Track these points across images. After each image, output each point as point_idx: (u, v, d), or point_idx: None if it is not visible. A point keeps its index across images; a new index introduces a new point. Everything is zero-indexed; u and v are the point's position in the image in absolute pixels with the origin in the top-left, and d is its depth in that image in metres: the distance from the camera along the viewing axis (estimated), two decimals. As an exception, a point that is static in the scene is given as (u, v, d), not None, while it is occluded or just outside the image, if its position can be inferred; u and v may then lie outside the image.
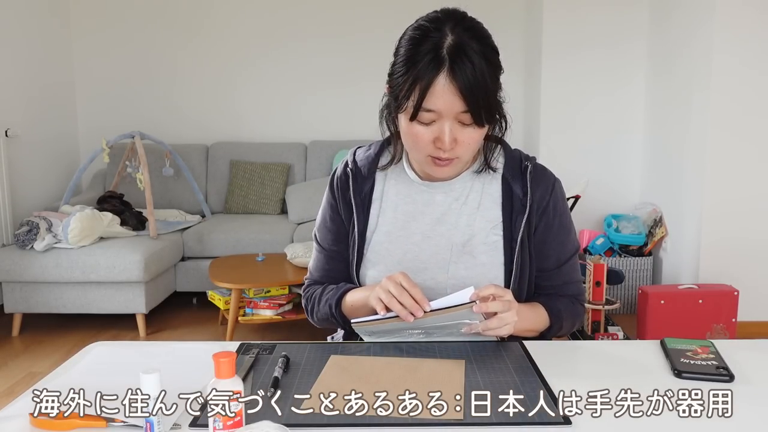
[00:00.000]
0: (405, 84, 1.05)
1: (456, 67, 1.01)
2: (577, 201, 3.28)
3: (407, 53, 1.06)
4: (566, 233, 1.24)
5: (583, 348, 1.21)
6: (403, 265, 1.19)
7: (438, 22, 1.05)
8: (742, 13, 2.99)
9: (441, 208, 1.21)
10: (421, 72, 1.03)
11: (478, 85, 1.02)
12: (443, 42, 1.03)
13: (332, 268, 1.29)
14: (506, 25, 4.27)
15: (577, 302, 1.28)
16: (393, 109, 1.13)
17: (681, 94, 3.37)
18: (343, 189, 1.25)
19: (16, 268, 3.18)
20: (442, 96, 1.03)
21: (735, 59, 3.02)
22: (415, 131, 1.08)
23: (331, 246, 1.29)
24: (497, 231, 1.20)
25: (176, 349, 1.12)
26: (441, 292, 1.17)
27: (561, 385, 0.93)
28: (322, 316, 1.26)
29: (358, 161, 1.26)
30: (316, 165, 4.25)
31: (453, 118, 1.05)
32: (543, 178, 1.22)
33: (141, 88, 4.43)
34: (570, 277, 1.26)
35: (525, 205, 1.19)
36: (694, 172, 3.22)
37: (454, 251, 1.19)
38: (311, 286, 1.32)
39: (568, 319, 1.23)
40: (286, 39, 4.40)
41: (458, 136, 1.07)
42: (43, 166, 4.06)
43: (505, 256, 1.19)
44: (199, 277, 3.64)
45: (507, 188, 1.21)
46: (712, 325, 2.93)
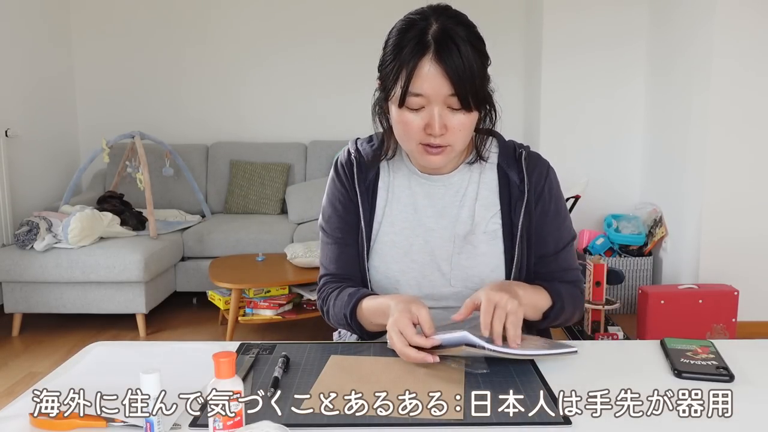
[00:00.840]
0: (392, 71, 1.07)
1: (441, 50, 1.03)
2: (577, 201, 3.28)
3: (394, 42, 1.08)
4: (562, 219, 1.25)
5: (583, 348, 1.21)
6: (409, 258, 1.20)
7: (424, 13, 1.09)
8: (742, 13, 2.99)
9: (442, 201, 1.22)
10: (406, 56, 1.05)
11: (464, 68, 1.03)
12: (429, 28, 1.05)
13: (346, 257, 1.25)
14: (506, 27, 4.27)
15: (577, 288, 1.26)
16: (383, 100, 1.14)
17: (681, 94, 3.37)
18: (349, 175, 1.25)
19: (16, 268, 3.18)
20: (429, 79, 1.04)
21: (735, 60, 3.02)
22: (405, 119, 1.09)
23: (342, 234, 1.26)
24: (496, 220, 1.20)
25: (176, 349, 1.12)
26: (445, 283, 1.19)
27: (561, 385, 0.93)
28: (336, 320, 1.24)
29: (361, 150, 1.26)
30: (316, 165, 4.25)
31: (441, 103, 1.06)
32: (538, 163, 1.23)
33: (141, 87, 4.43)
34: (568, 263, 1.26)
35: (523, 191, 1.20)
36: (694, 172, 3.22)
37: (456, 243, 1.20)
38: (327, 284, 1.28)
39: (569, 301, 1.21)
40: (286, 39, 4.40)
41: (448, 122, 1.08)
42: (43, 166, 4.05)
43: (504, 244, 1.19)
44: (199, 277, 3.64)
45: (503, 176, 1.22)
46: (712, 325, 2.93)
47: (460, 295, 1.19)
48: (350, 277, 1.26)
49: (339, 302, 1.21)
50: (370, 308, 1.16)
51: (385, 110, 1.15)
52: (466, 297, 1.16)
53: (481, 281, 1.18)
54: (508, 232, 1.19)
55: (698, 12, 3.18)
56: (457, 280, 1.19)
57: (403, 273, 1.21)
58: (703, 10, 3.12)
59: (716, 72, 3.03)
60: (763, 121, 3.06)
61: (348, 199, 1.25)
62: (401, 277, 1.21)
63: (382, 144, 1.24)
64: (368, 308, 1.16)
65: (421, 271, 1.20)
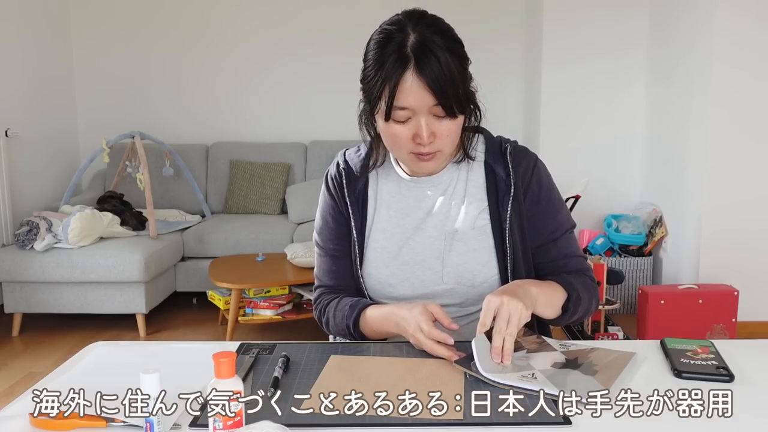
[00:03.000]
0: (375, 86, 1.08)
1: (421, 63, 1.04)
2: (577, 201, 3.28)
3: (374, 56, 1.09)
4: (556, 209, 1.24)
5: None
6: (399, 260, 1.21)
7: (399, 23, 1.08)
8: (741, 16, 3.00)
9: (431, 202, 1.23)
10: (388, 72, 1.06)
11: (445, 77, 1.04)
12: (406, 41, 1.06)
13: (339, 269, 1.28)
14: (507, 29, 4.27)
15: (586, 276, 1.24)
16: (369, 113, 1.15)
17: (681, 96, 3.37)
18: (338, 187, 1.26)
19: (16, 268, 3.18)
20: (412, 92, 1.05)
21: (734, 62, 3.02)
22: (392, 131, 1.10)
23: (335, 245, 1.28)
24: (484, 216, 1.21)
25: (176, 349, 1.12)
26: (437, 281, 1.20)
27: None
28: (337, 331, 1.24)
29: (349, 161, 1.27)
30: (316, 165, 4.25)
31: (427, 113, 1.07)
32: (524, 156, 1.24)
33: (141, 87, 4.43)
34: (569, 250, 1.25)
35: (510, 185, 1.20)
36: (694, 173, 3.22)
37: (447, 240, 1.21)
38: (323, 295, 1.29)
39: (583, 289, 1.19)
40: (286, 39, 4.40)
41: (435, 129, 1.09)
42: (43, 166, 4.05)
43: (494, 239, 1.20)
44: (199, 277, 3.64)
45: (490, 172, 1.23)
46: (712, 325, 2.93)
47: (453, 292, 1.20)
48: (344, 287, 1.28)
49: (339, 313, 1.22)
50: (375, 317, 1.17)
51: (372, 120, 1.17)
52: (459, 293, 1.19)
53: (472, 276, 1.19)
54: (497, 227, 1.20)
55: (698, 15, 3.18)
56: (450, 277, 1.20)
57: (395, 276, 1.22)
58: (703, 13, 3.12)
59: (716, 74, 3.04)
60: (762, 123, 3.07)
61: (338, 211, 1.27)
62: (393, 280, 1.22)
63: (371, 153, 1.25)
64: (373, 317, 1.17)
65: (413, 272, 1.22)
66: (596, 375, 0.95)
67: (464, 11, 4.13)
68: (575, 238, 1.29)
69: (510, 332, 1.00)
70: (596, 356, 1.02)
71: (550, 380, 0.92)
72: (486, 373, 0.95)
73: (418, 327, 1.05)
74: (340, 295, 1.27)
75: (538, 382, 0.92)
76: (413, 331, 1.06)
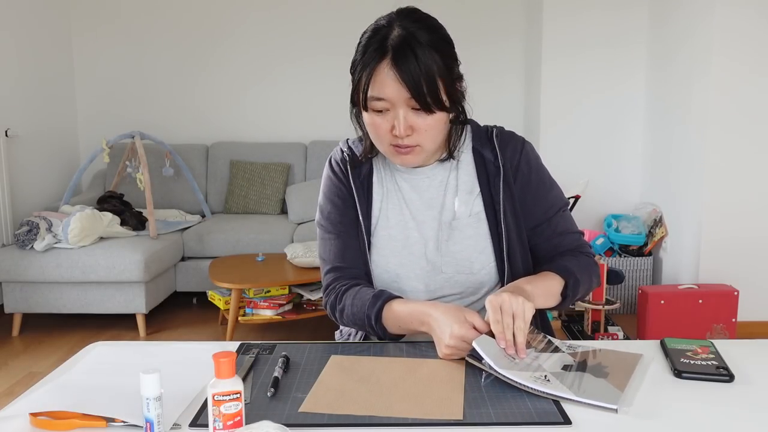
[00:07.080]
0: (356, 74, 1.12)
1: (397, 57, 1.06)
2: (577, 201, 3.29)
3: (360, 47, 1.13)
4: (547, 189, 1.25)
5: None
6: (406, 249, 1.22)
7: (389, 18, 1.12)
8: (741, 14, 3.00)
9: (428, 193, 1.24)
10: (366, 61, 1.10)
11: (419, 73, 1.06)
12: (390, 34, 1.09)
13: (350, 250, 1.24)
14: (506, 27, 4.27)
15: (582, 254, 1.24)
16: (353, 102, 1.18)
17: (680, 95, 3.37)
18: (344, 170, 1.28)
19: (16, 268, 3.18)
20: (387, 84, 1.08)
21: (734, 60, 3.02)
22: (372, 121, 1.13)
23: (345, 227, 1.25)
24: (478, 201, 1.22)
25: (176, 349, 1.12)
26: (437, 271, 1.21)
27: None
28: (353, 321, 1.20)
29: (353, 147, 1.30)
30: (316, 165, 4.25)
31: (405, 105, 1.09)
32: (511, 139, 1.25)
33: (141, 87, 4.43)
34: (564, 227, 1.25)
35: (498, 167, 1.21)
36: (694, 173, 3.22)
37: (444, 230, 1.22)
38: (338, 280, 1.24)
39: (581, 271, 1.19)
40: (286, 39, 4.40)
41: (414, 123, 1.11)
42: (43, 166, 4.06)
43: (489, 223, 1.21)
44: (199, 277, 3.64)
45: (479, 157, 1.24)
46: (712, 325, 2.93)
47: (452, 281, 1.21)
48: (357, 270, 1.24)
49: (359, 302, 1.18)
50: (403, 312, 1.12)
51: (360, 111, 1.19)
52: (458, 282, 1.20)
53: (470, 264, 1.20)
54: (491, 211, 1.21)
55: (697, 13, 3.18)
56: (448, 266, 1.21)
57: (403, 266, 1.22)
58: (702, 11, 3.12)
59: (715, 73, 3.04)
60: (762, 122, 3.06)
61: (346, 193, 1.27)
62: (401, 270, 1.22)
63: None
64: (401, 312, 1.12)
65: (418, 263, 1.22)
66: (608, 378, 0.95)
67: (464, 10, 4.13)
68: (569, 215, 1.29)
69: (518, 326, 0.99)
70: (603, 357, 1.02)
71: (563, 383, 0.92)
72: (500, 369, 0.94)
73: (458, 336, 1.01)
74: (360, 283, 1.22)
75: (552, 385, 0.91)
76: (449, 340, 1.02)
